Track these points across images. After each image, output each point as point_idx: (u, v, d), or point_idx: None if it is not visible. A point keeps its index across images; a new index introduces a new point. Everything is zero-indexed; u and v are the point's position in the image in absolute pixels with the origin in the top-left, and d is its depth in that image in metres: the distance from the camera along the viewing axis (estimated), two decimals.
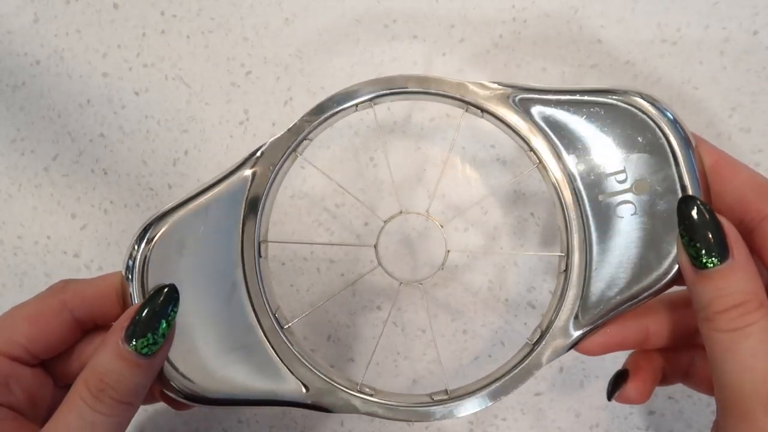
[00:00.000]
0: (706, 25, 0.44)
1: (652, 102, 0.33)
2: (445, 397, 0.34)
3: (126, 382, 0.31)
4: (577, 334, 0.34)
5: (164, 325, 0.32)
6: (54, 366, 0.35)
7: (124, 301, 0.34)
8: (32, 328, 0.33)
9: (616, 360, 0.38)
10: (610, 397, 0.35)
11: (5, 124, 0.48)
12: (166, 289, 0.33)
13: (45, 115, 0.47)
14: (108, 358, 0.31)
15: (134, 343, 0.31)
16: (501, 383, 0.34)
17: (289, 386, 0.34)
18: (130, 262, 0.34)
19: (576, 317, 0.34)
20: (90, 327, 0.35)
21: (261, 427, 0.46)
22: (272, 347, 0.34)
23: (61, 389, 0.35)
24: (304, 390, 0.34)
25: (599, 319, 0.33)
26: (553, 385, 0.45)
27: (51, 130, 0.47)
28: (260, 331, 0.34)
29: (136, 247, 0.34)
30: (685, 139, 0.33)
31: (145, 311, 0.32)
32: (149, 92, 0.47)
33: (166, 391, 0.34)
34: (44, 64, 0.48)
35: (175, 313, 0.33)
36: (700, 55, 0.44)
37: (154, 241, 0.34)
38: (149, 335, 0.31)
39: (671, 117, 0.33)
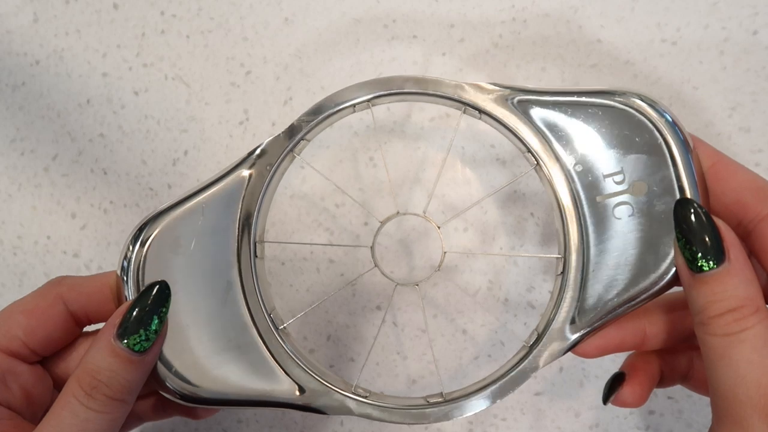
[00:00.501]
0: (705, 24, 0.43)
1: (652, 104, 0.33)
2: (441, 399, 0.34)
3: (119, 379, 0.31)
4: (574, 336, 0.33)
5: (156, 321, 0.32)
6: (52, 368, 0.35)
7: (119, 300, 0.34)
8: (29, 321, 0.33)
9: (616, 359, 0.38)
10: (605, 400, 0.35)
11: (5, 124, 0.48)
12: (157, 286, 0.33)
13: (44, 115, 0.48)
14: (100, 355, 0.31)
15: (126, 340, 0.31)
16: (497, 386, 0.34)
17: (284, 387, 0.34)
18: (125, 263, 0.34)
19: (573, 320, 0.33)
20: (86, 323, 0.35)
21: (261, 427, 0.46)
22: (267, 348, 0.34)
23: (59, 391, 0.35)
24: (298, 391, 0.34)
25: (596, 322, 0.33)
26: (552, 385, 0.45)
27: (50, 130, 0.47)
28: (255, 331, 0.34)
29: (130, 247, 0.34)
30: (684, 142, 0.32)
31: (137, 308, 0.32)
32: (149, 92, 0.47)
33: (161, 392, 0.34)
34: (44, 63, 0.48)
35: (167, 309, 0.33)
36: (700, 54, 0.44)
37: (149, 241, 0.34)
38: (141, 332, 0.31)
39: (670, 119, 0.32)
